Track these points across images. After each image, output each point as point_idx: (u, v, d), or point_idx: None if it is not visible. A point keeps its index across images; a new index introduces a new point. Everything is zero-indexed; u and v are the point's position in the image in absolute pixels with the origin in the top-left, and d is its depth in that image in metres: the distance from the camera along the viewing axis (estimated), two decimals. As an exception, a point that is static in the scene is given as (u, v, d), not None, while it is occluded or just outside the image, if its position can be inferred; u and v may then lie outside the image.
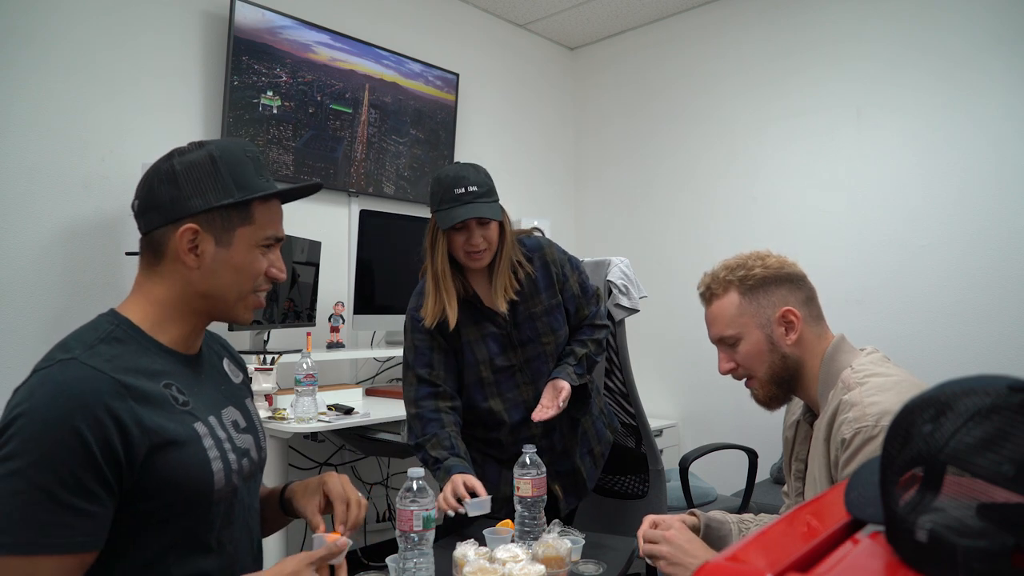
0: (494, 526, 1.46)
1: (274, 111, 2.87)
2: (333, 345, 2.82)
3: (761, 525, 1.36)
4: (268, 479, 1.30)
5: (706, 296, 1.37)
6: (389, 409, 2.46)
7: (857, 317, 3.18)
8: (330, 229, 3.12)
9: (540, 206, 4.15)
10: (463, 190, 1.66)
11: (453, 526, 1.63)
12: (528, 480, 1.45)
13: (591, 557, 1.38)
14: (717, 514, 1.36)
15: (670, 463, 2.70)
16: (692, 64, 3.90)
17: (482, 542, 1.36)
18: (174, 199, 1.02)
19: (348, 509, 1.17)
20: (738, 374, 1.35)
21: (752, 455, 2.56)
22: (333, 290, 3.05)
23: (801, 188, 3.45)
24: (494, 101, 3.95)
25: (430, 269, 1.75)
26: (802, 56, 3.47)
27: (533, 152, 4.17)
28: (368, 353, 3.03)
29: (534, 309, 1.80)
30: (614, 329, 2.21)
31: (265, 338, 2.59)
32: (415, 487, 1.23)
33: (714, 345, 1.37)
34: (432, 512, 1.24)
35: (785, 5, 3.53)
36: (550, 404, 1.72)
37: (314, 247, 2.78)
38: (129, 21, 2.55)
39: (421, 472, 1.26)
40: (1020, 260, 2.84)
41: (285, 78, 2.90)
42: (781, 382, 1.31)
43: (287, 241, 2.07)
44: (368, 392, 2.84)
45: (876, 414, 1.12)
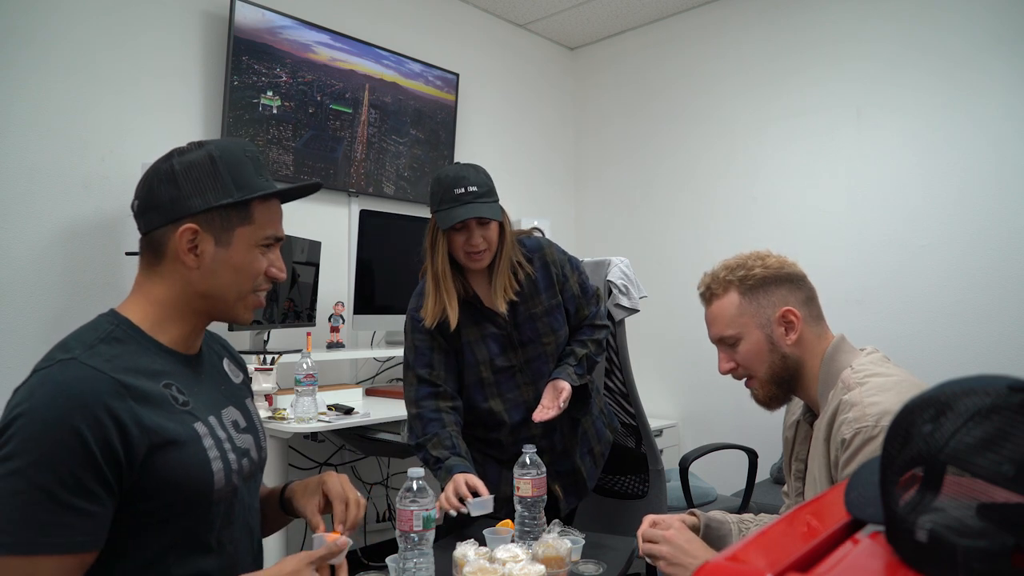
0: (494, 526, 1.46)
1: (274, 111, 2.87)
2: (333, 345, 2.82)
3: (761, 525, 1.36)
4: (268, 479, 1.30)
5: (706, 296, 1.37)
6: (389, 409, 2.46)
7: (857, 317, 3.18)
8: (330, 229, 3.12)
9: (540, 206, 4.15)
10: (463, 190, 1.65)
11: (453, 526, 1.63)
12: (528, 480, 1.45)
13: (591, 557, 1.38)
14: (717, 514, 1.36)
15: (670, 463, 2.70)
16: (692, 64, 3.90)
17: (482, 542, 1.36)
18: (174, 199, 1.02)
19: (347, 508, 1.17)
20: (738, 374, 1.35)
21: (752, 455, 2.56)
22: (333, 290, 3.05)
23: (801, 188, 3.45)
24: (494, 101, 3.95)
25: (430, 270, 1.75)
26: (802, 56, 3.47)
27: (533, 152, 4.17)
28: (368, 353, 3.03)
29: (534, 309, 1.80)
30: (614, 329, 2.21)
31: (265, 338, 2.59)
32: (415, 487, 1.23)
33: (714, 345, 1.37)
34: (432, 512, 1.24)
35: (785, 5, 3.53)
36: (551, 404, 1.71)
37: (314, 247, 2.78)
38: (129, 21, 2.55)
39: (421, 472, 1.26)
40: (1020, 260, 2.84)
41: (285, 78, 2.90)
42: (781, 382, 1.31)
43: (287, 241, 2.07)
44: (368, 392, 2.84)
45: (876, 414, 1.12)
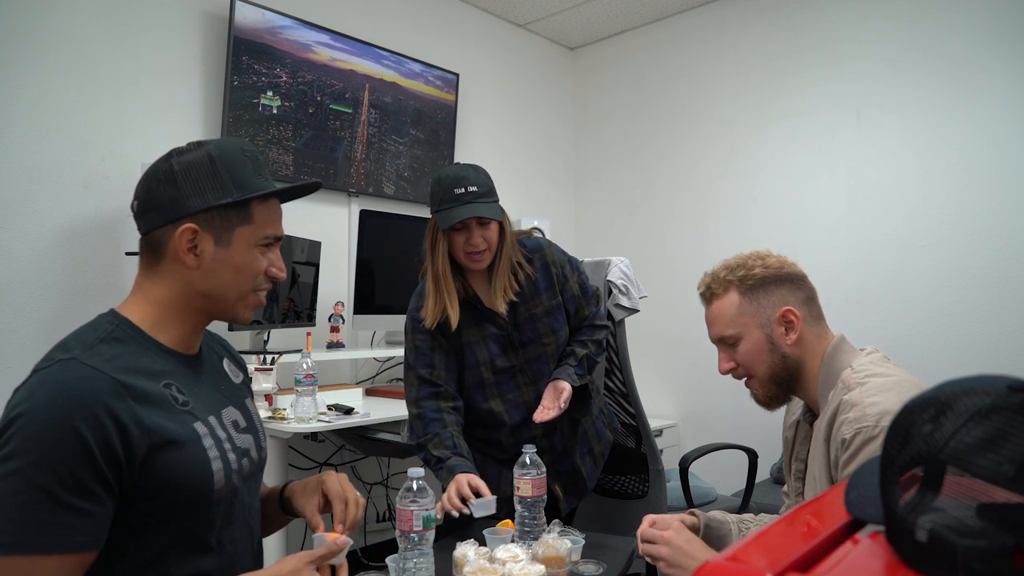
0: (494, 526, 1.46)
1: (274, 111, 2.87)
2: (333, 345, 2.82)
3: (761, 525, 1.36)
4: (268, 479, 1.30)
5: (706, 296, 1.37)
6: (389, 409, 2.46)
7: (857, 317, 3.18)
8: (330, 229, 3.12)
9: (540, 206, 4.15)
10: (463, 190, 1.65)
11: (453, 526, 1.63)
12: (528, 480, 1.45)
13: (591, 557, 1.38)
14: (717, 514, 1.36)
15: (670, 463, 2.70)
16: (692, 64, 3.90)
17: (482, 542, 1.36)
18: (173, 199, 1.02)
19: (346, 508, 1.17)
20: (738, 374, 1.35)
21: (752, 455, 2.56)
22: (333, 290, 3.05)
23: (801, 188, 3.45)
24: (494, 101, 3.95)
25: (430, 270, 1.75)
26: (802, 56, 3.47)
27: (533, 152, 4.17)
28: (368, 353, 3.03)
29: (535, 310, 1.80)
30: (614, 329, 2.21)
31: (265, 338, 2.59)
32: (415, 487, 1.23)
33: (714, 345, 1.37)
34: (432, 512, 1.24)
35: (785, 5, 3.53)
36: (551, 405, 1.71)
37: (314, 247, 2.78)
38: (129, 21, 2.55)
39: (421, 472, 1.26)
40: (1020, 260, 2.84)
41: (285, 78, 2.90)
42: (781, 382, 1.31)
43: (287, 241, 2.08)
44: (368, 392, 2.84)
45: (876, 414, 1.12)
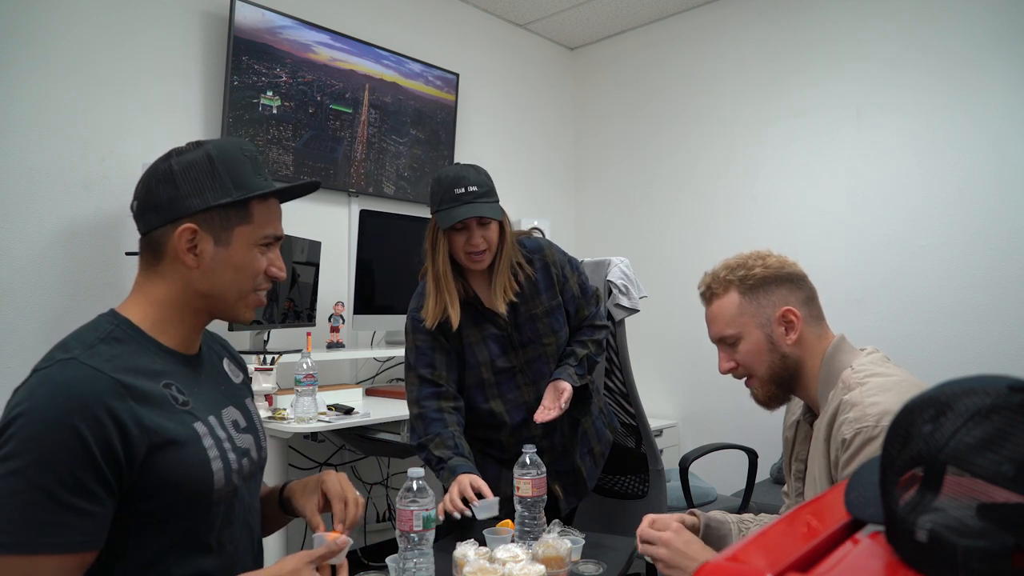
0: (494, 526, 1.46)
1: (274, 111, 2.87)
2: (333, 345, 2.82)
3: (761, 525, 1.36)
4: (268, 479, 1.30)
5: (706, 296, 1.37)
6: (389, 409, 2.46)
7: (857, 317, 3.18)
8: (330, 229, 3.12)
9: (540, 206, 4.15)
10: (463, 190, 1.65)
11: (453, 526, 1.62)
12: (528, 480, 1.44)
13: (591, 557, 1.38)
14: (717, 514, 1.36)
15: (670, 463, 2.70)
16: (692, 64, 3.90)
17: (482, 542, 1.36)
18: (172, 199, 1.02)
19: (346, 507, 1.17)
20: (738, 373, 1.35)
21: (752, 455, 2.56)
22: (333, 290, 3.05)
23: (801, 188, 3.45)
24: (494, 101, 3.95)
25: (431, 270, 1.75)
26: (802, 56, 3.47)
27: (533, 152, 4.17)
28: (368, 353, 3.03)
29: (535, 310, 1.80)
30: (614, 329, 2.21)
31: (265, 338, 2.59)
32: (415, 487, 1.23)
33: (714, 345, 1.37)
34: (432, 512, 1.24)
35: (785, 5, 3.53)
36: (552, 405, 1.72)
37: (314, 247, 2.78)
38: (129, 21, 2.55)
39: (421, 472, 1.26)
40: (1020, 260, 2.84)
41: (285, 78, 2.90)
42: (781, 382, 1.31)
43: (287, 241, 2.08)
44: (368, 392, 2.84)
45: (877, 414, 1.12)
